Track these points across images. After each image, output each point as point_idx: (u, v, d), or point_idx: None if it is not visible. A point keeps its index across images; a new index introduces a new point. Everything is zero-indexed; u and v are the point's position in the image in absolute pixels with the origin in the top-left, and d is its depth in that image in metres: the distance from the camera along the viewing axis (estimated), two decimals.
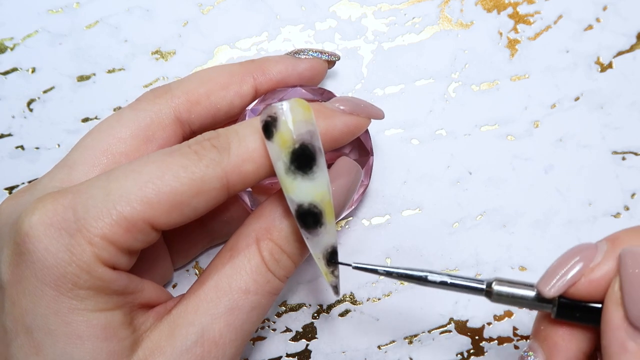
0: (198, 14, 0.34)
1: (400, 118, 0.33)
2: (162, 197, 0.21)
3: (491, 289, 0.23)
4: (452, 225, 0.32)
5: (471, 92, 0.33)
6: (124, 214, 0.21)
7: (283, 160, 0.21)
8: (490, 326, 0.32)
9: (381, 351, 0.32)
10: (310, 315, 0.32)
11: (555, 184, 0.33)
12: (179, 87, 0.26)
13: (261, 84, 0.28)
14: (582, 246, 0.22)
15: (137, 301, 0.23)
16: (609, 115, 0.33)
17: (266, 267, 0.23)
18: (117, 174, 0.21)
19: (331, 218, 0.22)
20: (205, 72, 0.27)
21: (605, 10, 0.34)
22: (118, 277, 0.22)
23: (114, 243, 0.21)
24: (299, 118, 0.21)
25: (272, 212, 0.24)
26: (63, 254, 0.20)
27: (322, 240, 0.23)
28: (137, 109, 0.26)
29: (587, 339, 0.23)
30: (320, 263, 0.23)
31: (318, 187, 0.22)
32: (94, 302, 0.21)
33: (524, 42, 0.34)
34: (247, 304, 0.23)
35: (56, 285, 0.21)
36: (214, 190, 0.22)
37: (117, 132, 0.25)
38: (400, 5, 0.34)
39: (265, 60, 0.28)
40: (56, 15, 0.33)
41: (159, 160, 0.22)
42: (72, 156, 0.25)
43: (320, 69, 0.29)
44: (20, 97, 0.33)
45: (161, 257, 0.29)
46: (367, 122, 0.25)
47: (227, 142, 0.22)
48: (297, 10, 0.34)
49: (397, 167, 0.32)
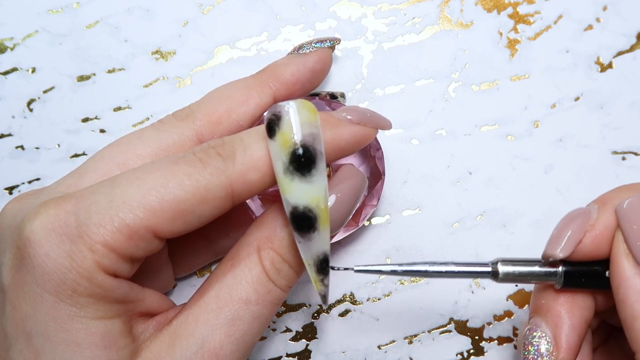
0: (198, 14, 0.34)
1: (400, 118, 0.33)
2: (165, 205, 0.21)
3: (497, 269, 0.23)
4: (452, 225, 0.32)
5: (471, 92, 0.33)
6: (126, 221, 0.20)
7: (282, 160, 0.21)
8: (490, 326, 0.32)
9: (381, 351, 0.32)
10: (310, 315, 0.32)
11: (555, 184, 0.33)
12: (200, 109, 0.26)
13: (279, 91, 0.27)
14: (574, 211, 0.23)
15: (137, 310, 0.23)
16: (609, 115, 0.33)
17: (267, 277, 0.23)
18: (121, 181, 0.21)
19: (325, 225, 0.22)
20: (223, 90, 0.27)
21: (605, 10, 0.34)
22: (119, 285, 0.21)
23: (115, 250, 0.20)
24: (303, 119, 0.21)
25: (273, 221, 0.24)
26: (63, 260, 0.20)
27: (314, 246, 0.22)
28: (160, 129, 0.25)
29: (589, 308, 0.23)
30: (310, 270, 0.22)
31: (315, 191, 0.21)
32: (94, 309, 0.21)
33: (524, 42, 0.34)
34: (249, 315, 0.23)
35: (56, 291, 0.20)
36: (219, 199, 0.21)
37: (137, 148, 0.25)
38: (400, 5, 0.34)
39: (275, 67, 0.28)
40: (56, 15, 0.33)
41: (164, 167, 0.21)
42: (86, 165, 0.25)
43: (327, 58, 0.29)
44: (20, 97, 0.33)
45: (164, 267, 0.29)
46: (374, 132, 0.24)
47: (232, 150, 0.22)
48: (297, 10, 0.34)
49: (397, 167, 0.32)
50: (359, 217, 0.29)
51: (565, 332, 0.23)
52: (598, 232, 0.22)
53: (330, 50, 0.30)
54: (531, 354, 0.23)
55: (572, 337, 0.23)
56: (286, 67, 0.28)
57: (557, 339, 0.23)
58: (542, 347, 0.23)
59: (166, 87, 0.33)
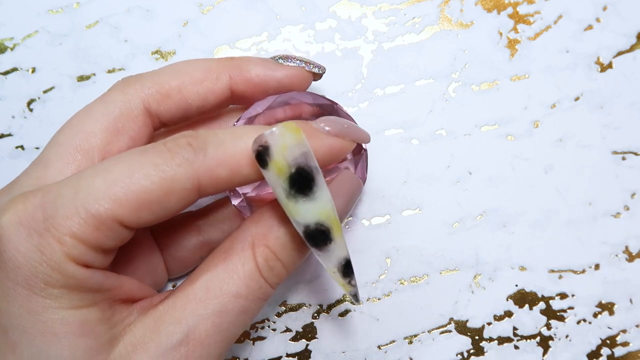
0: (198, 14, 0.34)
1: (400, 118, 0.33)
2: (130, 196, 0.21)
3: None
4: (452, 225, 0.32)
5: (471, 92, 0.33)
6: (91, 212, 0.20)
7: (282, 187, 0.21)
8: (490, 326, 0.32)
9: (381, 351, 0.32)
10: (310, 315, 0.32)
11: (555, 184, 0.33)
12: (151, 78, 0.26)
13: (237, 84, 0.27)
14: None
15: (117, 297, 0.23)
16: (609, 115, 0.33)
17: (259, 273, 0.23)
18: (88, 173, 0.21)
19: (339, 232, 0.22)
20: (181, 65, 0.27)
21: (605, 10, 0.34)
22: (92, 275, 0.21)
23: (83, 241, 0.21)
24: (290, 143, 0.21)
25: (270, 218, 0.24)
26: (33, 253, 0.20)
27: (334, 255, 0.22)
28: (107, 100, 0.25)
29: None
30: (336, 276, 0.23)
31: (322, 206, 0.21)
32: (68, 300, 0.21)
33: (524, 42, 0.34)
34: (237, 308, 0.23)
35: (28, 285, 0.21)
36: (185, 191, 0.21)
37: (87, 126, 0.25)
38: (400, 5, 0.34)
39: (245, 60, 0.27)
40: (56, 15, 0.33)
41: (131, 158, 0.21)
42: (46, 154, 0.25)
43: (300, 79, 0.28)
44: (20, 97, 0.33)
45: (153, 263, 0.29)
46: (351, 145, 0.24)
47: (205, 143, 0.22)
48: (297, 10, 0.34)
49: (397, 167, 0.32)
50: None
51: None
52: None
53: (310, 75, 0.28)
54: None
55: None
56: (255, 65, 0.27)
57: None
58: None
59: None
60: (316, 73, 0.28)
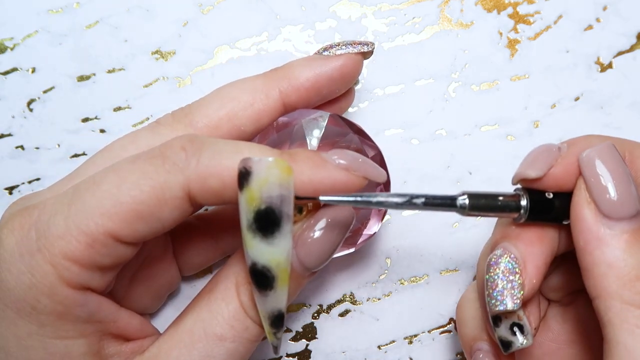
0: (198, 14, 0.34)
1: (400, 118, 0.33)
2: (120, 208, 0.20)
3: (464, 202, 0.22)
4: (452, 225, 0.32)
5: (471, 92, 0.33)
6: (82, 228, 0.19)
7: (247, 217, 0.20)
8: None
9: (381, 351, 0.32)
10: (310, 315, 0.32)
11: None
12: (200, 111, 0.24)
13: (289, 96, 0.25)
14: (544, 145, 0.23)
15: (109, 331, 0.22)
16: (609, 115, 0.33)
17: (244, 313, 0.22)
18: (80, 187, 0.20)
19: (284, 285, 0.21)
20: (227, 91, 0.25)
21: (605, 10, 0.34)
22: (84, 302, 0.20)
23: (77, 261, 0.20)
24: (272, 179, 0.19)
25: None
26: (24, 276, 0.20)
27: (269, 304, 0.21)
28: (155, 132, 0.24)
29: (554, 241, 0.23)
30: (265, 322, 0.22)
31: (275, 254, 0.20)
32: (53, 328, 0.20)
33: (524, 42, 0.34)
34: (223, 352, 0.22)
35: (17, 308, 0.20)
36: (177, 199, 0.20)
37: (129, 152, 0.23)
38: (400, 5, 0.34)
39: (290, 68, 0.26)
40: (56, 15, 0.33)
41: (121, 168, 0.20)
42: (78, 170, 0.24)
43: (351, 67, 0.26)
44: (20, 97, 0.33)
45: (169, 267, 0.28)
46: (362, 181, 0.21)
47: (200, 149, 0.20)
48: (297, 10, 0.34)
49: (397, 167, 0.32)
50: (356, 239, 0.28)
51: (533, 256, 0.22)
52: (568, 162, 0.22)
53: (359, 57, 0.26)
54: (498, 276, 0.22)
55: (541, 261, 0.22)
56: (302, 69, 0.25)
57: (525, 261, 0.22)
58: (505, 265, 0.22)
59: (166, 87, 0.33)
60: (366, 52, 0.26)
